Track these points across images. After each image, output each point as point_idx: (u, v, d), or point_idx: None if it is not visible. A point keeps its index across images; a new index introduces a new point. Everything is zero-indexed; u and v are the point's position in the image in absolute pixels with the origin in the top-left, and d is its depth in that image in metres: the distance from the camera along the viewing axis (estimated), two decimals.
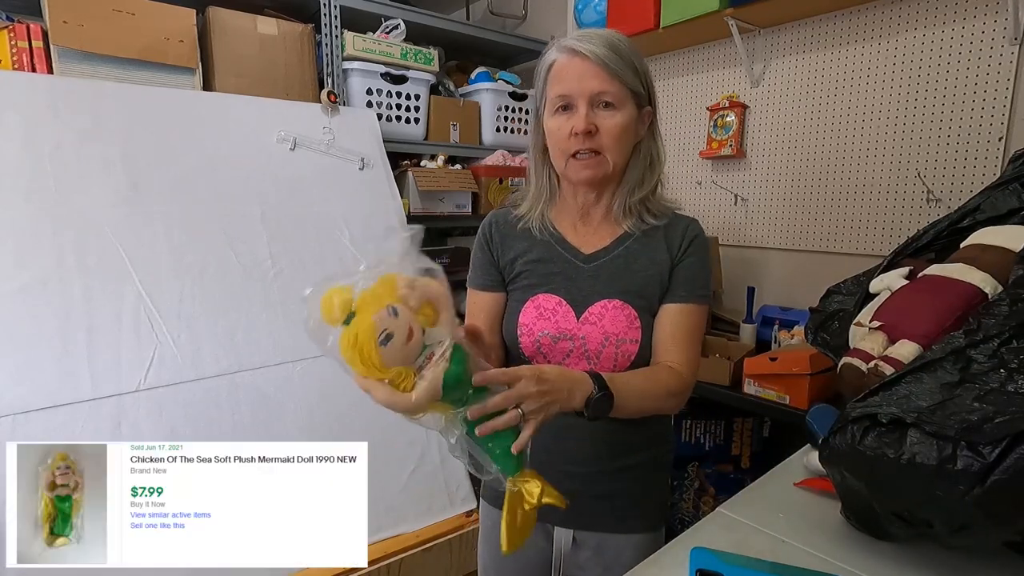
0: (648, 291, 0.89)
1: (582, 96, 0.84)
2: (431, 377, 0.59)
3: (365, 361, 0.57)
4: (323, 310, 0.57)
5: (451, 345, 0.61)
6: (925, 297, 0.78)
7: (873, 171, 1.64)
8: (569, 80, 0.84)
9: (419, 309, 0.60)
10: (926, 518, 0.61)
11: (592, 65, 0.83)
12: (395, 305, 0.58)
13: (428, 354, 0.60)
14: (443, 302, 0.62)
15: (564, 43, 0.86)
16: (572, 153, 0.86)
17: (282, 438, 1.47)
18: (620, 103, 0.85)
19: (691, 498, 1.87)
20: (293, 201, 1.75)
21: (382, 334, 0.56)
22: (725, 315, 1.97)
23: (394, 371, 0.59)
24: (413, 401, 0.59)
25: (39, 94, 1.46)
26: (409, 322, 0.58)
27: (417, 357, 0.61)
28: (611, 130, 0.85)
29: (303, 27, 1.94)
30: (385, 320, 0.57)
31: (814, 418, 0.93)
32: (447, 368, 0.60)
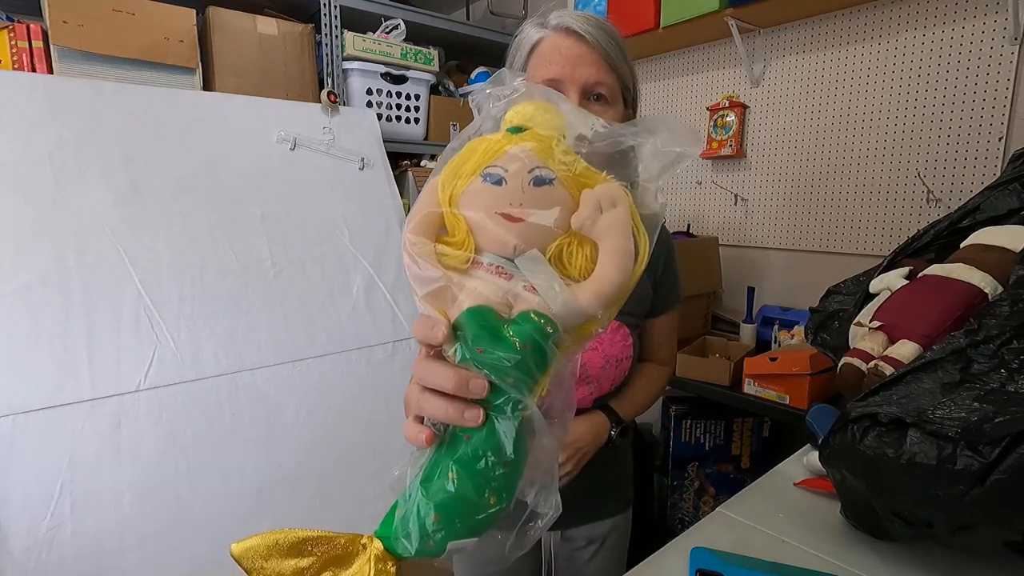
0: (638, 308, 0.90)
1: (575, 84, 0.71)
2: (495, 296, 0.32)
3: (469, 154, 0.34)
4: (517, 109, 0.35)
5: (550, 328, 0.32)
6: (925, 297, 0.77)
7: (873, 171, 1.64)
8: (561, 63, 0.71)
9: (572, 234, 0.34)
10: (926, 518, 0.61)
11: (589, 50, 0.72)
12: (554, 175, 0.33)
13: (500, 268, 0.33)
14: (617, 271, 0.33)
15: (553, 20, 0.73)
16: None
17: (282, 438, 1.47)
18: (613, 99, 0.75)
19: (691, 498, 1.87)
20: (293, 201, 1.75)
21: (508, 171, 0.33)
22: (725, 315, 1.97)
23: (467, 222, 0.33)
24: (440, 282, 0.32)
25: (39, 94, 1.46)
26: (539, 210, 0.33)
27: (486, 256, 0.33)
28: None
29: (303, 27, 1.94)
30: (529, 163, 0.33)
31: (814, 418, 0.93)
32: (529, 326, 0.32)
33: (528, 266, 0.32)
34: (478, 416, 0.32)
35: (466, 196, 0.33)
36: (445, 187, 0.33)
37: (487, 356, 0.31)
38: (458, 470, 0.32)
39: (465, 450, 0.32)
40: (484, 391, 0.32)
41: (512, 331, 0.31)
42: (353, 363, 1.64)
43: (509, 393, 0.32)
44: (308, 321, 1.62)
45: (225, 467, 1.38)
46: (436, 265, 0.32)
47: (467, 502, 0.32)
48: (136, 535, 1.25)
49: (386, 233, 1.88)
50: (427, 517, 0.32)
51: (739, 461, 1.85)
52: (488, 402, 0.32)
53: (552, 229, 0.33)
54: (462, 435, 0.33)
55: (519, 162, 0.32)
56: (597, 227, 0.32)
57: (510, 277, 0.32)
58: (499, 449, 0.32)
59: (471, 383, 0.31)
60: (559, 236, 0.33)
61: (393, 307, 1.78)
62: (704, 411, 1.81)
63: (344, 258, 1.76)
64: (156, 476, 1.30)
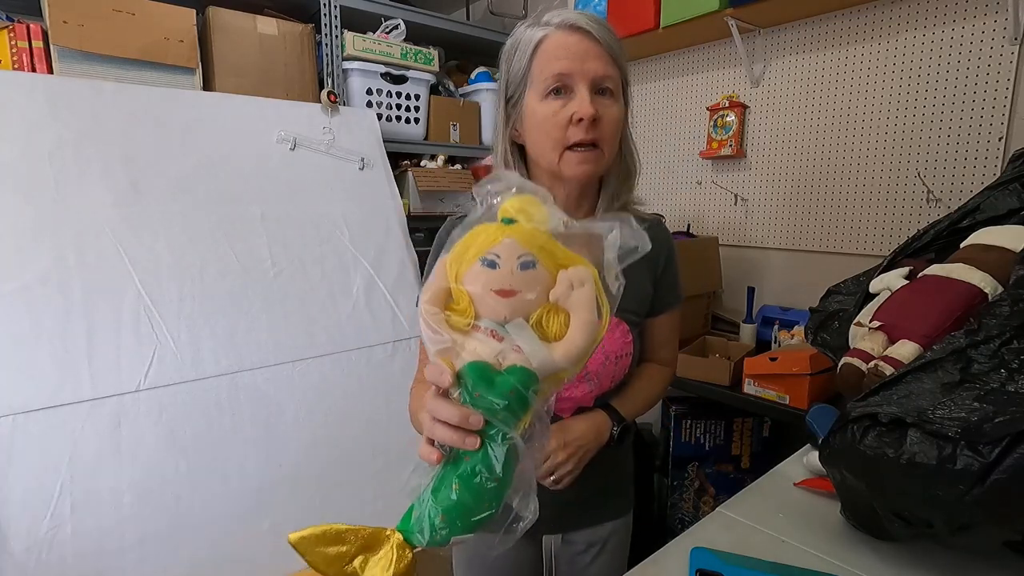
0: (638, 306, 0.89)
1: (584, 78, 0.73)
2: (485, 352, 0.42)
3: (469, 241, 0.43)
4: (508, 204, 0.44)
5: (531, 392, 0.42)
6: (925, 297, 0.77)
7: (873, 171, 1.64)
8: (570, 58, 0.73)
9: (550, 306, 0.43)
10: (926, 518, 0.61)
11: (595, 45, 0.74)
12: (537, 259, 0.42)
13: (494, 332, 0.42)
14: (582, 337, 0.42)
15: (556, 19, 0.75)
16: (569, 144, 0.75)
17: (282, 438, 1.47)
18: (617, 93, 0.77)
19: (691, 498, 1.87)
20: (293, 201, 1.75)
21: (498, 256, 0.42)
22: (725, 315, 1.97)
23: (468, 295, 0.43)
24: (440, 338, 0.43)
25: (39, 94, 1.46)
26: (524, 288, 0.42)
27: (484, 321, 0.43)
28: (612, 121, 0.76)
29: (303, 27, 1.94)
30: (517, 251, 0.42)
31: (814, 418, 0.93)
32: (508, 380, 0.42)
33: (515, 331, 0.42)
34: (475, 443, 0.42)
35: (468, 275, 0.42)
36: (452, 266, 0.43)
37: (482, 400, 0.42)
38: (459, 483, 0.43)
39: (465, 468, 0.43)
40: (480, 425, 0.42)
41: (502, 381, 0.41)
42: (353, 363, 1.64)
43: (499, 427, 0.42)
44: (308, 321, 1.62)
45: (225, 467, 1.38)
46: (446, 329, 0.42)
47: (466, 507, 0.42)
48: (136, 535, 1.25)
49: (386, 233, 1.88)
50: (435, 518, 0.43)
51: (739, 461, 1.85)
52: (483, 432, 0.42)
53: (534, 302, 0.42)
54: (463, 456, 0.43)
55: (509, 250, 0.42)
56: (570, 300, 0.42)
57: (501, 339, 0.42)
58: (491, 468, 0.42)
59: (470, 418, 0.42)
60: (540, 306, 0.43)
61: (393, 307, 1.78)
62: (704, 411, 1.81)
63: (344, 258, 1.76)
64: (156, 476, 1.30)
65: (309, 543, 0.42)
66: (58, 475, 1.21)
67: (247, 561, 1.34)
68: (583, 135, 0.74)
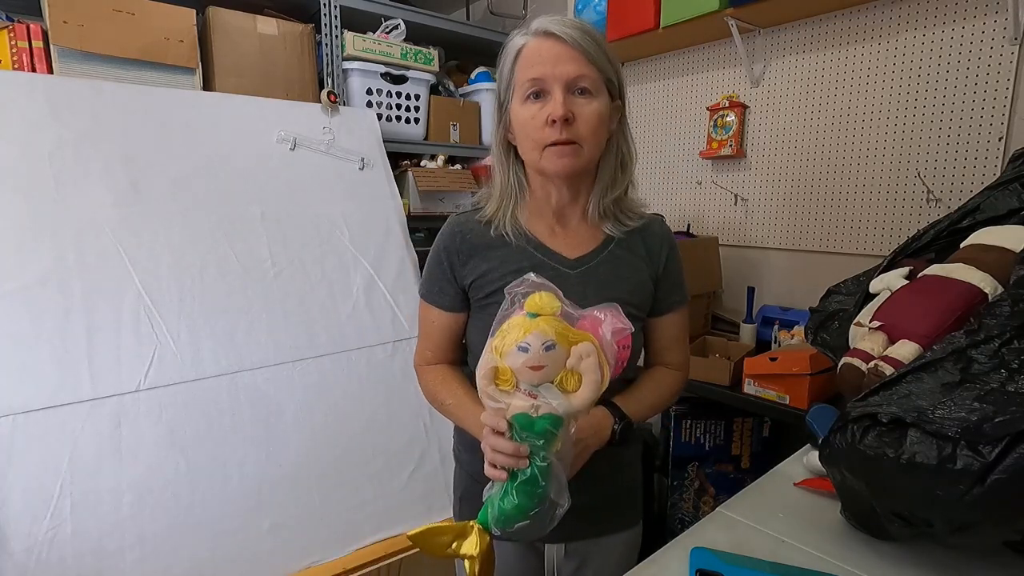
0: (637, 298, 0.88)
1: (557, 81, 0.77)
2: (513, 410, 0.63)
3: (507, 332, 0.63)
4: (531, 300, 0.63)
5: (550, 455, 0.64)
6: (925, 297, 0.77)
7: (873, 171, 1.64)
8: (543, 63, 0.77)
9: (567, 371, 0.62)
10: (926, 518, 0.61)
11: (568, 48, 0.77)
12: (556, 343, 0.61)
13: (530, 392, 0.62)
14: (591, 391, 0.62)
15: (534, 26, 0.80)
16: (547, 143, 0.79)
17: (282, 438, 1.47)
18: (596, 90, 0.79)
19: (691, 498, 1.87)
20: (293, 201, 1.75)
21: (529, 344, 0.61)
22: (725, 315, 1.97)
23: (511, 370, 0.62)
24: (496, 401, 0.64)
25: (39, 94, 1.46)
26: (549, 363, 0.61)
27: (523, 385, 0.63)
28: (588, 118, 0.78)
29: (303, 27, 1.94)
30: (541, 339, 0.61)
31: (814, 418, 0.93)
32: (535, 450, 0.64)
33: (545, 391, 0.62)
34: (526, 464, 0.64)
35: (509, 357, 0.62)
36: (497, 349, 0.63)
37: (527, 437, 0.63)
38: (516, 492, 0.64)
39: (520, 480, 0.64)
40: (527, 453, 0.64)
41: (539, 424, 0.62)
42: (353, 363, 1.65)
43: (539, 453, 0.64)
44: (308, 321, 1.62)
45: (225, 467, 1.38)
46: (500, 395, 0.63)
47: (521, 507, 0.64)
48: (136, 535, 1.25)
49: (386, 233, 1.88)
50: (503, 515, 0.64)
51: (739, 461, 1.85)
52: (529, 457, 0.64)
53: (556, 370, 0.62)
54: (517, 473, 0.65)
55: (536, 339, 0.61)
56: (580, 367, 0.62)
57: (535, 396, 0.62)
58: (536, 481, 0.64)
59: (519, 450, 0.64)
60: (560, 371, 0.62)
61: (393, 307, 1.78)
62: (704, 411, 1.81)
63: (344, 258, 1.76)
64: (156, 476, 1.30)
65: (423, 536, 0.63)
66: (58, 475, 1.21)
67: (247, 561, 1.34)
68: (557, 135, 0.78)
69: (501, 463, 0.64)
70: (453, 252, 0.88)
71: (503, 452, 0.63)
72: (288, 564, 1.38)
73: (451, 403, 0.88)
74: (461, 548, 0.64)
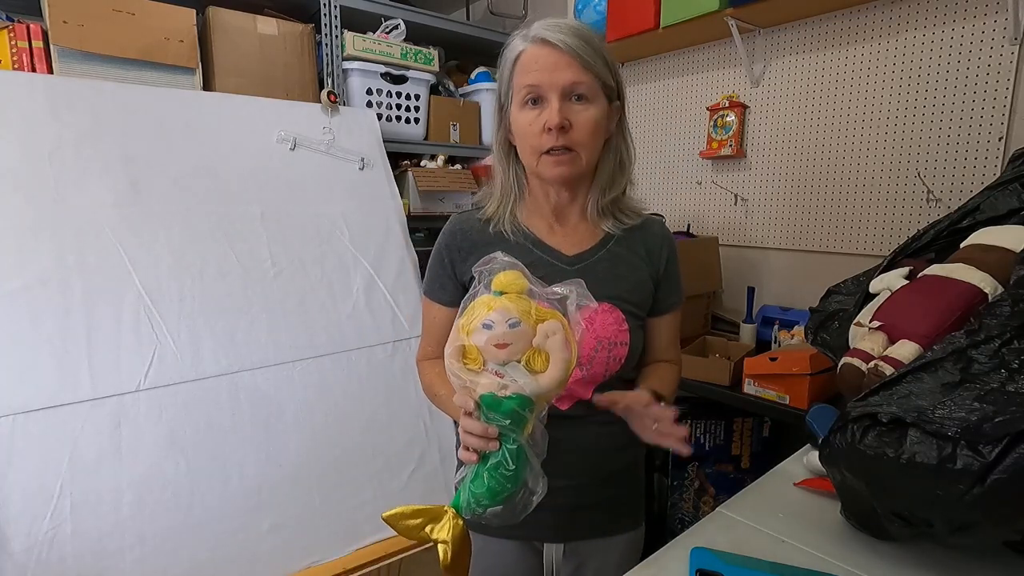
0: (636, 296, 0.89)
1: (554, 88, 0.78)
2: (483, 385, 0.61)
3: (473, 310, 0.62)
4: (497, 278, 0.62)
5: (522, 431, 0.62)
6: (925, 297, 0.78)
7: (873, 171, 1.64)
8: (540, 71, 0.79)
9: (534, 350, 0.61)
10: (926, 518, 0.61)
11: (564, 55, 0.78)
12: (520, 320, 0.60)
13: (497, 371, 0.61)
14: (558, 369, 0.61)
15: (532, 32, 0.81)
16: (544, 150, 0.81)
17: (282, 438, 1.47)
18: (593, 96, 0.81)
19: (691, 498, 1.87)
20: (293, 201, 1.75)
21: (492, 321, 0.60)
22: (725, 315, 1.97)
23: (477, 348, 0.61)
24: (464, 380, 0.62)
25: (39, 94, 1.46)
26: (514, 341, 0.60)
27: (490, 365, 0.62)
28: (585, 125, 0.80)
29: (303, 27, 1.94)
30: (506, 316, 0.60)
31: (814, 418, 0.93)
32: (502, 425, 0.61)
33: (511, 370, 0.61)
34: (495, 445, 0.61)
35: (475, 335, 0.61)
36: (463, 329, 0.62)
37: (494, 418, 0.61)
38: (488, 474, 0.62)
39: (490, 463, 0.62)
40: (495, 435, 0.61)
41: (505, 405, 0.60)
42: (353, 363, 1.65)
43: (509, 435, 0.61)
44: (308, 321, 1.62)
45: (225, 467, 1.38)
46: (465, 373, 0.61)
47: (493, 490, 0.61)
48: (136, 535, 1.25)
49: (386, 233, 1.88)
50: (474, 498, 0.62)
51: (739, 461, 1.85)
52: (500, 439, 0.61)
53: (522, 348, 0.61)
54: (488, 455, 0.62)
55: (500, 315, 0.60)
56: (547, 344, 0.61)
57: (503, 376, 0.61)
58: (507, 462, 0.61)
59: (488, 430, 0.61)
60: (527, 350, 0.61)
61: (393, 307, 1.78)
62: (704, 411, 1.81)
63: (344, 258, 1.76)
64: (156, 476, 1.30)
65: (396, 518, 0.62)
66: (58, 475, 1.21)
67: (247, 561, 1.34)
68: (553, 141, 0.80)
69: (472, 445, 0.62)
70: (454, 249, 0.89)
71: (472, 433, 0.62)
72: (288, 564, 1.38)
73: (443, 394, 0.87)
74: (434, 532, 0.62)
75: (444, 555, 0.61)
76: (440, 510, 0.63)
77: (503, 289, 0.61)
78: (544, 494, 0.63)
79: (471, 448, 0.63)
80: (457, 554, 0.62)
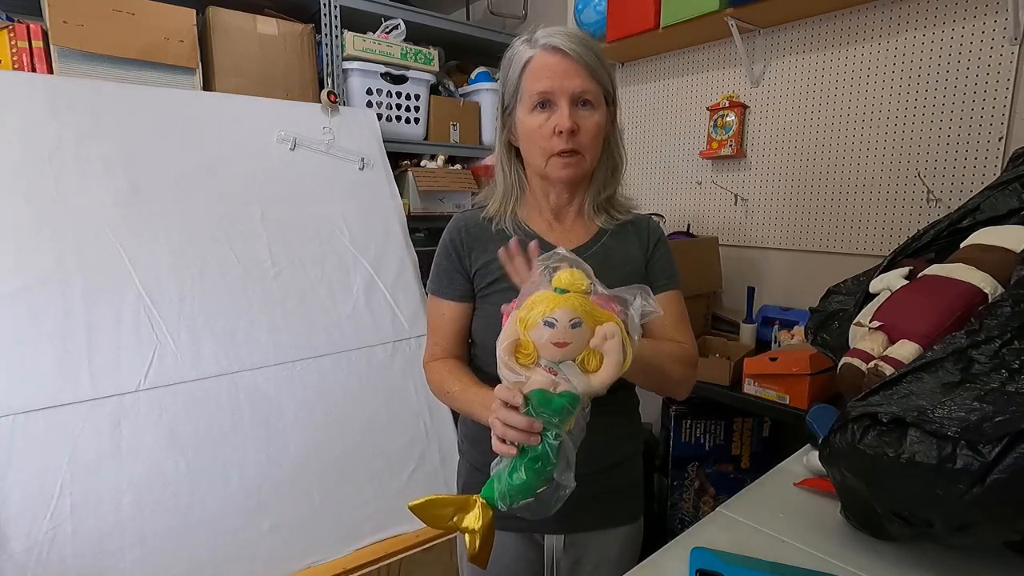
0: (633, 280, 0.90)
1: (564, 94, 0.83)
2: (530, 385, 0.61)
3: (534, 305, 0.61)
4: (560, 276, 0.62)
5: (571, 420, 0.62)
6: (925, 297, 0.78)
7: (873, 171, 1.64)
8: (551, 77, 0.83)
9: (590, 350, 0.61)
10: (926, 517, 0.61)
11: (574, 64, 0.83)
12: (583, 321, 0.60)
13: (550, 368, 0.61)
14: (611, 373, 0.61)
15: (541, 40, 0.85)
16: (554, 152, 0.85)
17: (282, 438, 1.47)
18: (597, 102, 0.86)
19: (691, 498, 1.87)
20: (293, 201, 1.75)
21: (556, 319, 0.59)
22: (725, 315, 1.97)
23: (534, 344, 0.61)
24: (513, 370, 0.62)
25: (39, 94, 1.46)
26: (573, 341, 0.60)
27: (543, 361, 0.62)
28: (591, 130, 0.86)
29: (303, 27, 1.94)
30: (569, 316, 0.60)
31: (814, 418, 0.94)
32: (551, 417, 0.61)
33: (566, 368, 0.61)
34: (537, 440, 0.61)
35: (535, 331, 0.60)
36: (522, 321, 0.61)
37: (542, 413, 0.61)
38: (525, 468, 0.61)
39: (529, 456, 0.62)
40: (540, 429, 0.61)
41: (557, 401, 0.60)
42: (353, 363, 1.64)
43: (552, 431, 0.61)
44: (308, 321, 1.62)
45: (225, 467, 1.38)
46: (519, 368, 0.62)
47: (528, 484, 0.61)
48: (136, 535, 1.25)
49: (386, 233, 1.88)
50: (510, 490, 0.62)
51: (739, 461, 1.85)
52: (542, 433, 0.61)
53: (579, 348, 0.61)
54: (527, 449, 0.62)
55: (563, 315, 0.59)
56: (604, 347, 0.61)
57: (556, 373, 0.61)
58: (548, 458, 0.61)
59: (533, 425, 0.61)
60: (583, 350, 0.61)
61: (393, 307, 1.78)
62: (704, 411, 1.81)
63: (344, 258, 1.76)
64: (156, 476, 1.30)
65: (424, 508, 0.62)
66: (58, 475, 1.21)
67: (247, 561, 1.34)
68: (564, 144, 0.84)
69: (512, 438, 0.62)
70: (459, 243, 0.93)
71: (515, 427, 0.61)
72: (288, 564, 1.38)
73: (456, 390, 0.88)
74: (463, 521, 0.62)
75: (471, 544, 0.62)
76: (470, 500, 0.64)
77: (567, 287, 0.61)
78: (574, 488, 0.63)
79: (510, 441, 0.63)
80: (483, 544, 0.63)
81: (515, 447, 0.63)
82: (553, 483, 0.62)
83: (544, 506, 0.64)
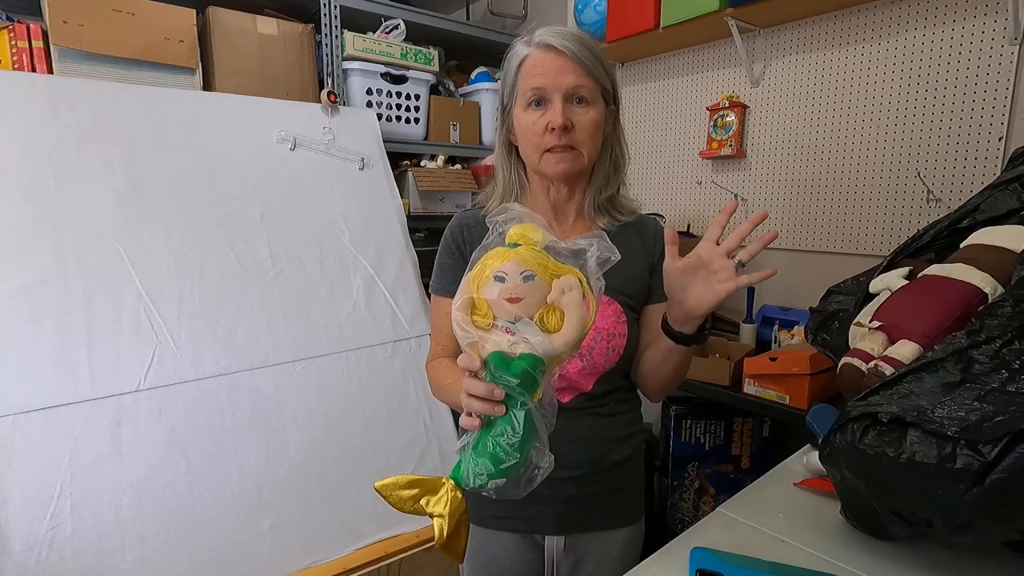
0: (631, 287, 0.91)
1: (557, 90, 0.84)
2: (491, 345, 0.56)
3: (485, 262, 0.58)
4: (512, 230, 0.59)
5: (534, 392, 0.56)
6: (925, 297, 0.77)
7: (873, 171, 1.64)
8: (544, 74, 0.84)
9: (548, 307, 0.56)
10: (926, 517, 0.61)
11: (567, 60, 0.84)
12: (535, 273, 0.56)
13: (507, 328, 0.56)
14: (573, 329, 0.56)
15: (536, 38, 0.86)
16: (547, 148, 0.86)
17: (282, 438, 1.47)
18: (593, 99, 0.86)
19: (691, 498, 1.87)
20: (293, 201, 1.75)
21: (505, 273, 0.55)
22: (725, 315, 1.97)
23: (487, 302, 0.57)
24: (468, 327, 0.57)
25: (39, 94, 1.46)
26: (527, 295, 0.55)
27: (500, 321, 0.57)
28: (586, 126, 0.86)
29: (303, 27, 1.94)
30: (519, 268, 0.56)
31: (814, 418, 0.93)
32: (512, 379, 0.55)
33: (523, 327, 0.56)
34: (501, 410, 0.56)
35: (486, 288, 0.56)
36: (473, 282, 0.57)
37: (502, 378, 0.55)
38: (492, 441, 0.56)
39: (495, 429, 0.56)
40: (502, 396, 0.55)
41: (516, 364, 0.55)
42: (353, 363, 1.65)
43: (517, 397, 0.55)
44: (308, 321, 1.62)
45: (225, 467, 1.38)
46: (473, 328, 0.56)
47: (497, 458, 0.56)
48: (136, 535, 1.25)
49: (386, 233, 1.88)
50: (476, 467, 0.56)
51: (739, 461, 1.85)
52: (507, 402, 0.56)
53: (536, 304, 0.56)
54: (493, 421, 0.57)
55: (514, 267, 0.56)
56: (562, 302, 0.56)
57: (513, 333, 0.56)
58: (514, 427, 0.56)
59: (494, 392, 0.55)
60: (541, 306, 0.56)
61: (393, 307, 1.78)
62: (704, 411, 1.81)
63: (344, 258, 1.76)
64: (156, 476, 1.30)
65: (389, 488, 0.57)
66: (58, 475, 1.21)
67: (247, 561, 1.34)
68: (556, 140, 0.85)
69: (475, 408, 0.57)
70: (461, 240, 0.94)
71: (476, 395, 0.56)
72: (288, 564, 1.38)
73: (449, 382, 0.88)
74: (430, 506, 0.56)
75: (440, 531, 0.56)
76: (438, 481, 0.57)
77: (518, 241, 0.57)
78: (551, 469, 0.58)
79: (474, 413, 0.58)
80: (454, 530, 0.56)
81: (479, 419, 0.58)
82: (524, 460, 0.57)
83: (516, 487, 0.58)
